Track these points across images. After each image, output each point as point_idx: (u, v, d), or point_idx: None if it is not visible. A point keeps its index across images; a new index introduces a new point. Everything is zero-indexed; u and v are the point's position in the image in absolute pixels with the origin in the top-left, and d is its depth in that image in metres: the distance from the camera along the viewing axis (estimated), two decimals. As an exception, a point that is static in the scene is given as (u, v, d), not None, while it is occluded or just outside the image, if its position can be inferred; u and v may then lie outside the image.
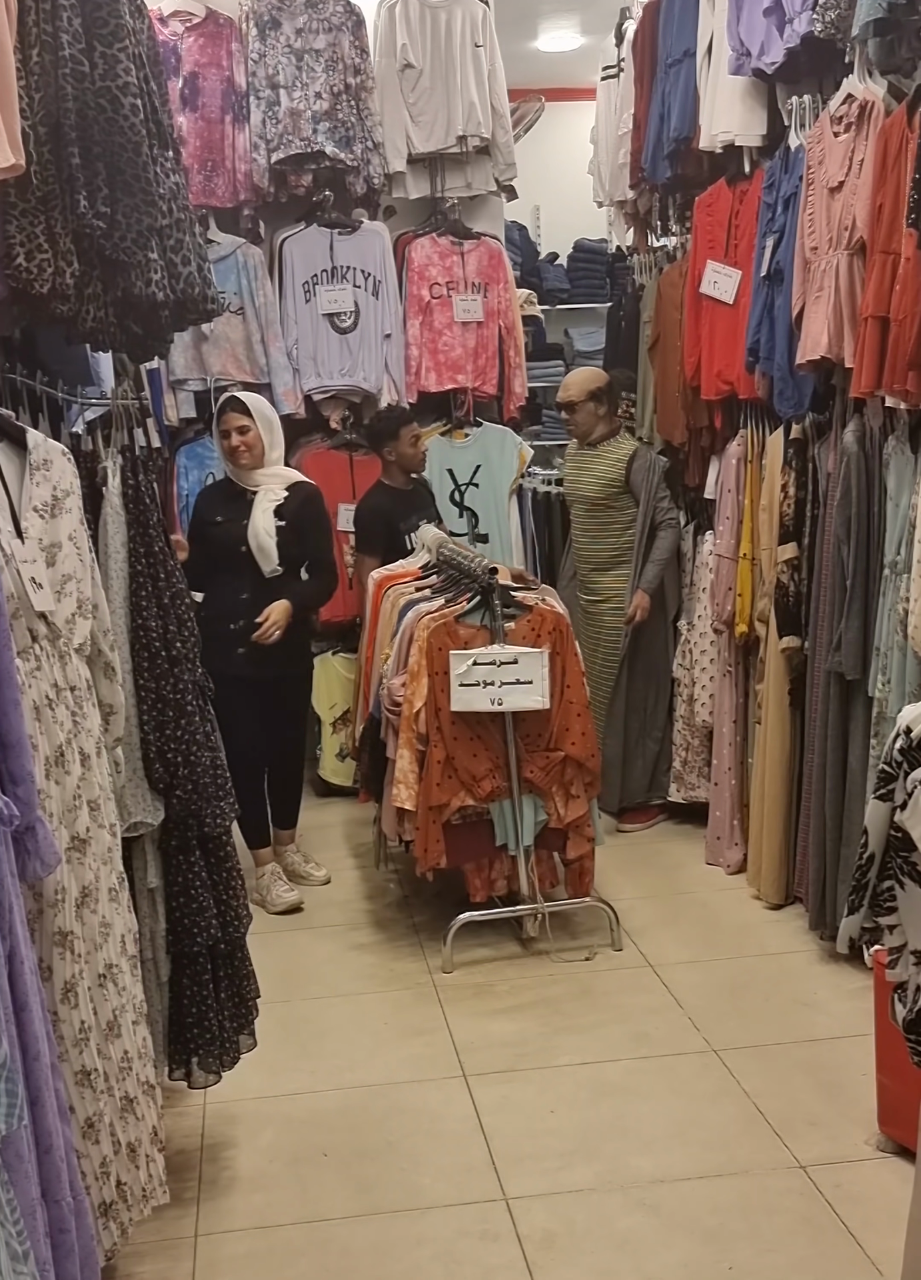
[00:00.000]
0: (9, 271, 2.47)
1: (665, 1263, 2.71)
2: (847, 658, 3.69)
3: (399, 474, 5.08)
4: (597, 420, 5.05)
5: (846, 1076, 3.33)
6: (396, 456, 5.03)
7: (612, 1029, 3.67)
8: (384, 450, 5.05)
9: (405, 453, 5.02)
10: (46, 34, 2.48)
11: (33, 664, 2.31)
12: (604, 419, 5.06)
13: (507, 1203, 2.93)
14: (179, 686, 2.78)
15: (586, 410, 5.03)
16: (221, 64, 5.37)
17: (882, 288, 3.42)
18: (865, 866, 2.17)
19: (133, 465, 2.78)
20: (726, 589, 4.56)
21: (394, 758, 4.09)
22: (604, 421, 5.06)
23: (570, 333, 8.12)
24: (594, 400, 5.02)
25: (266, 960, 3.68)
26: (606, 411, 5.05)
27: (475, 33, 5.61)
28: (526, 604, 4.12)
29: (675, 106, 4.82)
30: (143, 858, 2.82)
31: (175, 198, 2.81)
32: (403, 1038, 3.70)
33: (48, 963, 2.29)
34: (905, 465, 3.53)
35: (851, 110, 3.65)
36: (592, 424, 5.05)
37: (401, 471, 5.08)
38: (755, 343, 4.21)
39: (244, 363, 5.48)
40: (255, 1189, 3.03)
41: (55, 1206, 2.02)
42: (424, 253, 5.71)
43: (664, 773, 5.13)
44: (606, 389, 5.05)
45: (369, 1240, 2.83)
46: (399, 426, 5.04)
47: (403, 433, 5.02)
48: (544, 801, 4.09)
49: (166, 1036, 2.89)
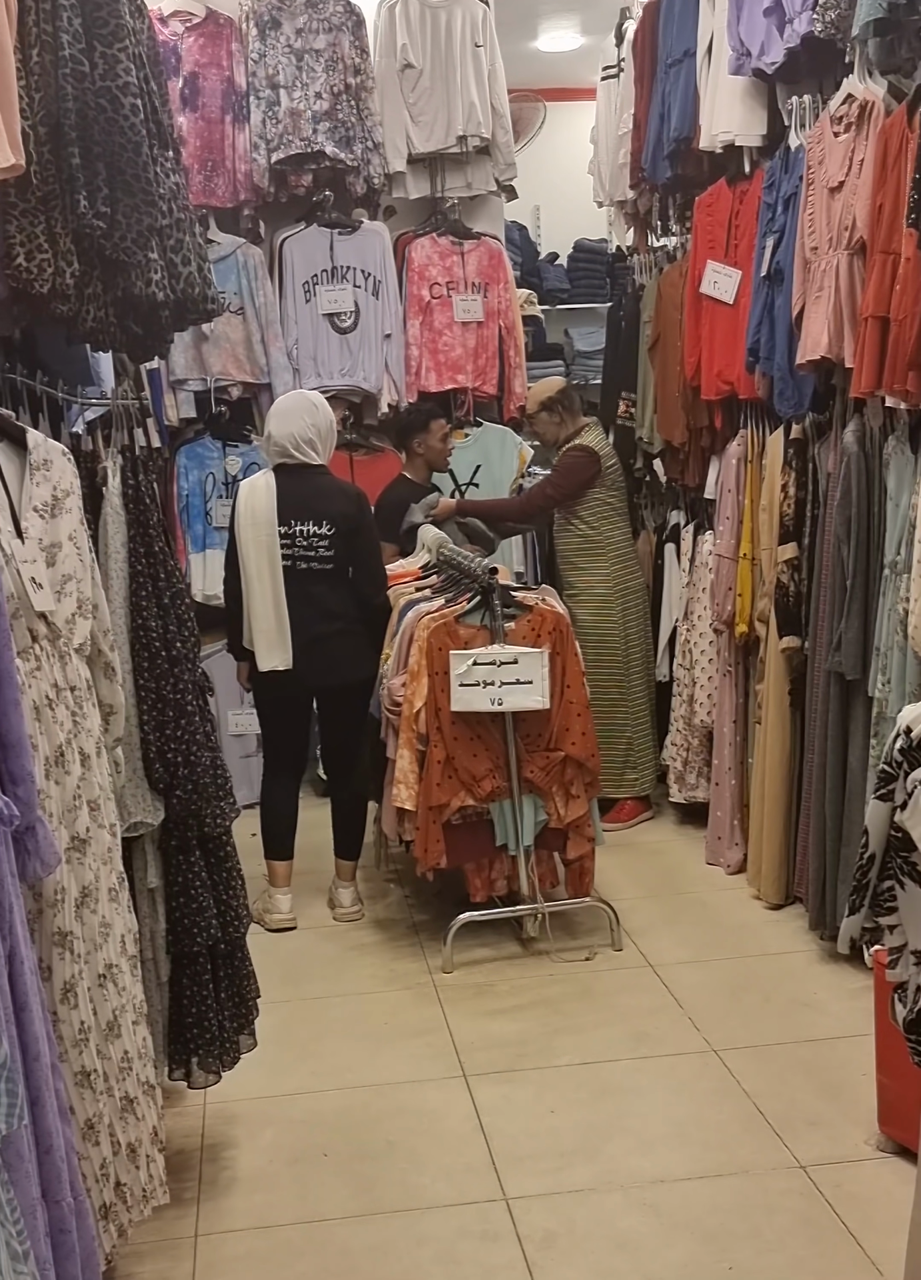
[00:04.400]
0: (9, 271, 2.47)
1: (665, 1263, 2.71)
2: (847, 658, 3.69)
3: (423, 469, 5.16)
4: (556, 427, 5.23)
5: (846, 1076, 3.33)
6: (425, 450, 5.12)
7: (612, 1029, 3.67)
8: (413, 442, 5.12)
9: (434, 446, 5.13)
10: (46, 34, 2.48)
11: (33, 664, 2.31)
12: (561, 425, 5.22)
13: (508, 1203, 2.93)
14: (179, 686, 2.77)
15: (541, 420, 5.26)
16: (221, 64, 5.37)
17: (882, 288, 3.42)
18: (865, 867, 2.16)
19: (133, 465, 2.78)
20: (726, 589, 4.56)
21: (394, 758, 4.10)
22: (562, 427, 5.22)
23: (570, 333, 8.12)
24: (546, 410, 5.22)
25: (266, 960, 3.68)
26: (561, 419, 5.22)
27: (475, 33, 5.61)
28: (526, 604, 4.12)
29: (675, 106, 4.82)
30: (143, 858, 2.82)
31: (175, 198, 2.81)
32: (403, 1038, 3.70)
33: (48, 963, 2.29)
34: (905, 465, 3.53)
35: (851, 110, 3.65)
36: (552, 431, 5.25)
37: (426, 466, 5.18)
38: (755, 343, 4.21)
39: (244, 363, 5.49)
40: (255, 1189, 3.03)
41: (56, 1207, 2.02)
42: (424, 253, 5.72)
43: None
44: (559, 397, 5.23)
45: (369, 1240, 2.83)
46: (430, 420, 5.13)
47: (433, 426, 5.12)
48: (544, 801, 4.09)
49: (166, 1036, 2.89)
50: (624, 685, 5.18)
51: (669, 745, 5.17)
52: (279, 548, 4.21)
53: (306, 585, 4.25)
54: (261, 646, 4.22)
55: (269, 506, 4.21)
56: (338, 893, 4.53)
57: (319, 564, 4.26)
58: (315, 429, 4.26)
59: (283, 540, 4.22)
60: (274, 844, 4.48)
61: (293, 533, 4.24)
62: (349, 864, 4.54)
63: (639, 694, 5.24)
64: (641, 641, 5.25)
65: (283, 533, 4.23)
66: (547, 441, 5.31)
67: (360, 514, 4.30)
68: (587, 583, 5.16)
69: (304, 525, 4.24)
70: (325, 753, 4.60)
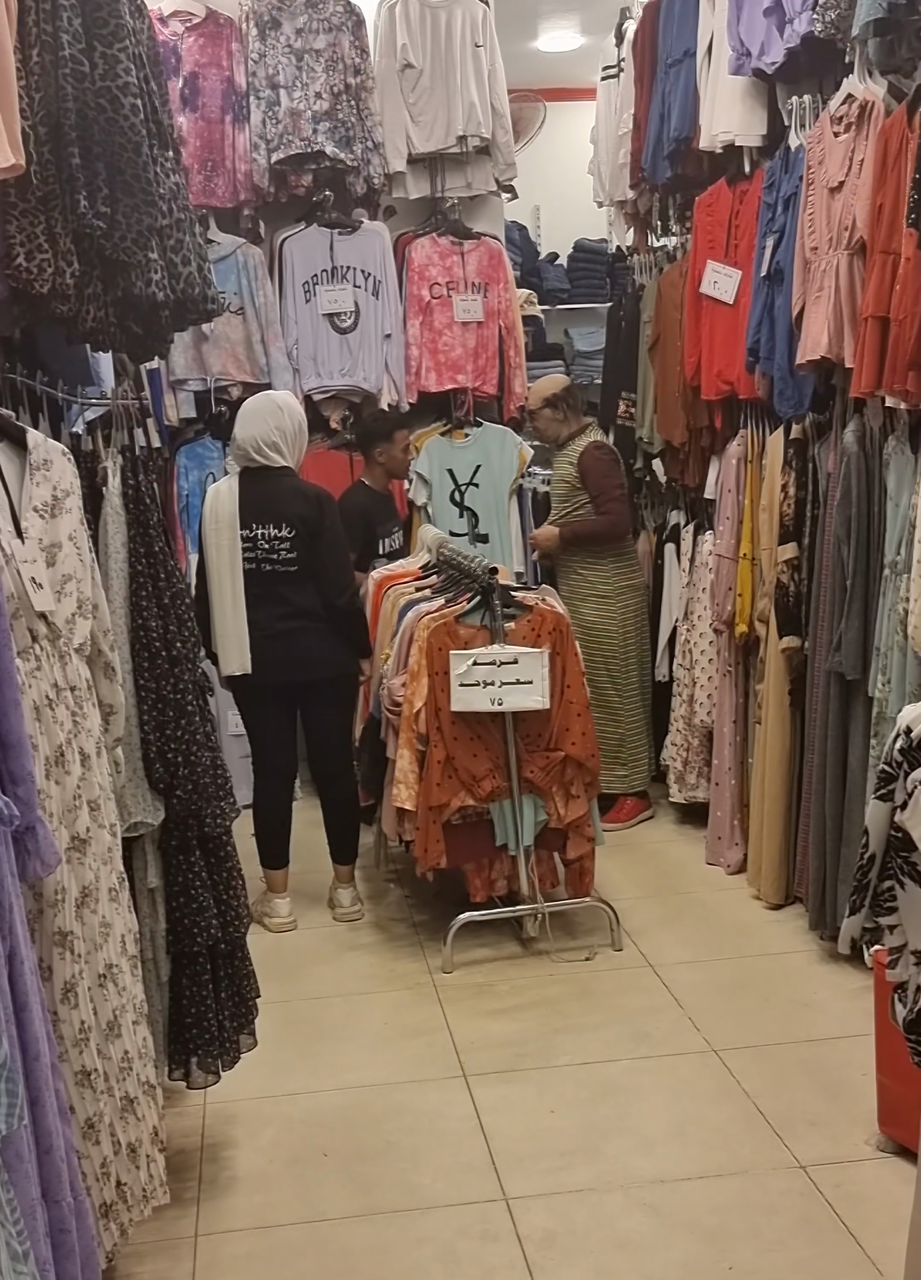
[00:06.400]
0: (9, 271, 2.47)
1: (665, 1263, 2.71)
2: (847, 658, 3.69)
3: (382, 477, 5.14)
4: (558, 425, 5.20)
5: (846, 1076, 3.33)
6: (386, 459, 5.08)
7: (612, 1029, 3.67)
8: (375, 450, 5.09)
9: (396, 457, 5.10)
10: (46, 34, 2.48)
11: (33, 664, 2.31)
12: (565, 422, 5.19)
13: (508, 1203, 2.93)
14: (179, 686, 2.78)
15: (543, 417, 5.22)
16: (221, 64, 5.37)
17: (882, 288, 3.42)
18: (866, 867, 2.16)
19: (133, 465, 2.78)
20: (726, 589, 4.56)
21: (394, 758, 4.10)
22: (565, 425, 5.20)
23: (570, 333, 8.12)
24: (550, 407, 5.19)
25: (266, 960, 3.68)
26: (565, 417, 5.19)
27: (475, 33, 5.61)
28: (526, 604, 4.12)
29: (675, 106, 4.82)
30: (143, 858, 2.82)
31: (175, 198, 2.81)
32: (403, 1038, 3.70)
33: (48, 963, 2.29)
34: (905, 465, 3.53)
35: (851, 110, 3.65)
36: (554, 429, 5.22)
37: (385, 475, 5.15)
38: (755, 343, 4.21)
39: (244, 363, 5.49)
40: (255, 1189, 3.03)
41: (56, 1207, 2.02)
42: (424, 253, 5.71)
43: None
44: (563, 394, 5.20)
45: (369, 1240, 2.83)
46: (394, 429, 5.10)
47: (397, 436, 5.09)
48: (544, 801, 4.09)
49: (166, 1036, 2.89)
50: (620, 684, 5.18)
51: (669, 745, 5.17)
52: (240, 552, 4.22)
53: (271, 586, 4.26)
54: (223, 650, 4.24)
55: (231, 511, 4.22)
56: (337, 893, 4.53)
57: (282, 566, 4.26)
58: (279, 431, 4.24)
59: (245, 544, 4.23)
60: (268, 852, 4.49)
61: (254, 536, 4.24)
62: (346, 868, 4.55)
63: (634, 692, 5.23)
64: (639, 640, 5.25)
65: (245, 536, 4.23)
66: (548, 438, 5.29)
67: (321, 516, 4.28)
68: (589, 582, 5.16)
69: (264, 528, 4.24)
70: (310, 755, 4.60)
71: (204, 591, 4.25)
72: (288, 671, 4.29)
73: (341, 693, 4.46)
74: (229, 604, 4.21)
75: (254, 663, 4.22)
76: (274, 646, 4.24)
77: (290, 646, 4.28)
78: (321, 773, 4.59)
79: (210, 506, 4.26)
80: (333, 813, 4.55)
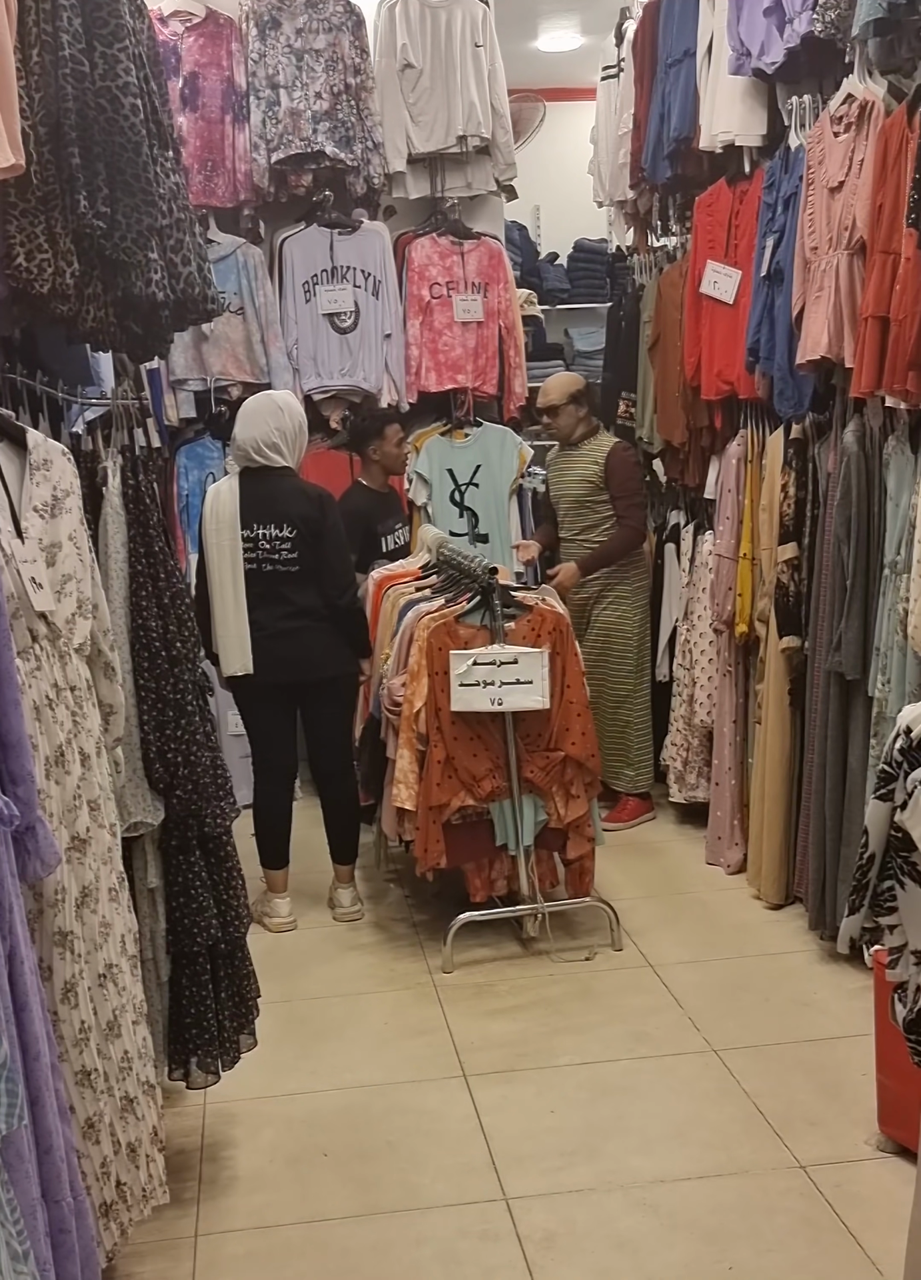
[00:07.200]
0: (9, 271, 2.47)
1: (665, 1263, 2.71)
2: (847, 658, 3.69)
3: (379, 475, 5.12)
4: (578, 422, 5.15)
5: (846, 1076, 3.33)
6: (380, 456, 5.06)
7: (612, 1029, 3.67)
8: (368, 449, 5.08)
9: (389, 452, 5.07)
10: (46, 34, 2.48)
11: (33, 664, 2.31)
12: (583, 420, 5.16)
13: (508, 1203, 2.93)
14: (179, 686, 2.78)
15: (567, 413, 5.14)
16: (221, 64, 5.37)
17: (882, 288, 3.42)
18: (865, 866, 2.16)
19: (133, 465, 2.78)
20: (726, 589, 4.56)
21: (394, 758, 4.10)
22: (584, 423, 5.16)
23: (570, 333, 8.11)
24: (574, 403, 5.13)
25: (266, 960, 3.68)
26: (586, 413, 5.16)
27: (475, 33, 5.61)
28: (526, 604, 4.12)
29: (675, 106, 4.82)
30: (143, 858, 2.82)
31: (175, 198, 2.81)
32: (403, 1038, 3.70)
33: (48, 963, 2.29)
34: (905, 465, 3.53)
35: (851, 110, 3.65)
36: (573, 426, 5.16)
37: (383, 472, 5.13)
38: (755, 343, 4.21)
39: (244, 363, 5.49)
40: (255, 1189, 3.03)
41: (55, 1207, 2.02)
42: (424, 253, 5.71)
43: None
44: (585, 391, 5.18)
45: (369, 1240, 2.83)
46: (384, 425, 5.09)
47: (388, 431, 5.06)
48: (544, 801, 4.09)
49: (166, 1036, 2.89)
50: (636, 684, 5.17)
51: (669, 745, 5.17)
52: (241, 553, 4.22)
53: (273, 586, 4.26)
54: (224, 651, 4.24)
55: (232, 511, 4.22)
56: (337, 893, 4.53)
57: (283, 566, 4.26)
58: (279, 432, 4.24)
59: (246, 544, 4.23)
60: (268, 852, 4.49)
61: (255, 536, 4.24)
62: (346, 868, 4.54)
63: (644, 692, 5.23)
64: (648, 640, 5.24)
65: (246, 536, 4.23)
66: (563, 436, 5.20)
67: (322, 516, 4.28)
68: (607, 584, 5.13)
69: (265, 529, 4.24)
70: (310, 754, 4.59)
71: (204, 592, 4.25)
72: (289, 671, 4.29)
73: (342, 692, 4.46)
74: (230, 604, 4.21)
75: (255, 662, 4.22)
76: (275, 646, 4.24)
77: (292, 646, 4.27)
78: (322, 772, 4.58)
79: (210, 507, 4.26)
80: (333, 812, 4.55)
